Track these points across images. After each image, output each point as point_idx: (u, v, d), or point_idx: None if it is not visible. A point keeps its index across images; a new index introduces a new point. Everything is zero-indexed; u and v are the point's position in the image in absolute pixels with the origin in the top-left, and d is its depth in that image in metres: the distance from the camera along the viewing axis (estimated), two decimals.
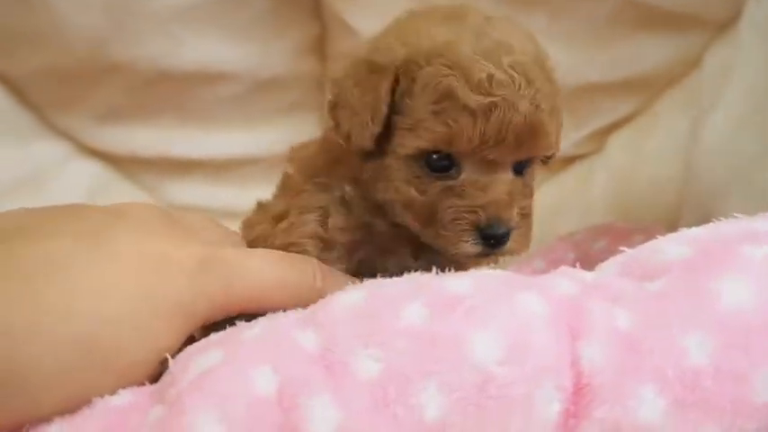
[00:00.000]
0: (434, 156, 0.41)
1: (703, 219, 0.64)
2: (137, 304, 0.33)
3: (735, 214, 0.37)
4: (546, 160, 0.46)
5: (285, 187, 0.49)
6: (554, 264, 0.66)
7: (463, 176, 0.41)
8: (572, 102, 0.76)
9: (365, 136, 0.41)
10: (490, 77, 0.39)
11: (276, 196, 0.49)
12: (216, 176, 0.86)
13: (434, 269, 0.35)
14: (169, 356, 0.33)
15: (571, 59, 0.73)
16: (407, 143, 0.40)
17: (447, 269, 0.36)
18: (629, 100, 0.77)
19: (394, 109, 0.41)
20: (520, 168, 0.43)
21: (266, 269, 0.38)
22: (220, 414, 0.29)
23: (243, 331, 0.34)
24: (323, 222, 0.44)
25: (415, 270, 0.36)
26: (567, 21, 0.71)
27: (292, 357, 0.31)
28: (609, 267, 0.36)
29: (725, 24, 0.68)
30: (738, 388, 0.29)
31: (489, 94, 0.39)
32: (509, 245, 0.41)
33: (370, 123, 0.40)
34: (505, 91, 0.39)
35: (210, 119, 0.83)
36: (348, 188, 0.45)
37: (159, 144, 0.83)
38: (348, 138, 0.41)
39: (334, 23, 0.81)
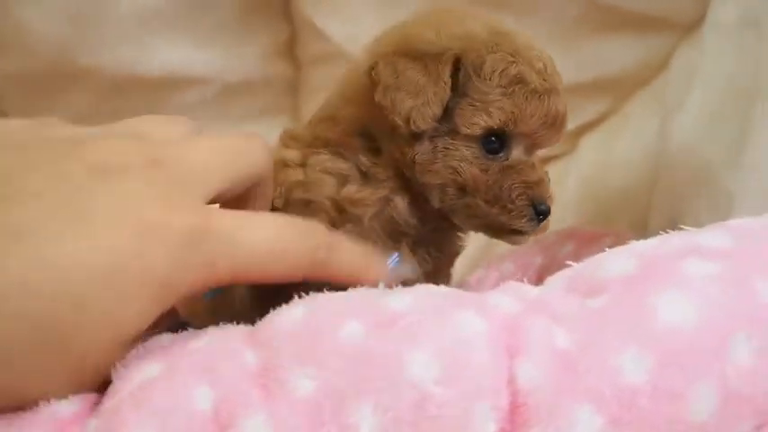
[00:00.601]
0: (493, 137, 0.44)
1: (671, 221, 0.65)
2: (104, 282, 0.30)
3: (683, 227, 0.37)
4: None
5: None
6: (522, 267, 0.67)
7: (513, 156, 0.45)
8: None
9: (427, 116, 0.42)
10: (545, 66, 0.45)
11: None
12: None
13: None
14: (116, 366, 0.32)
15: None
16: (477, 122, 0.43)
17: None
18: (599, 101, 0.76)
19: (455, 92, 0.43)
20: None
21: (263, 242, 0.36)
22: (158, 430, 0.29)
23: (189, 342, 0.34)
24: (340, 189, 0.45)
25: None
26: (532, 23, 0.70)
27: (232, 375, 0.30)
28: (556, 282, 0.36)
29: (691, 26, 0.68)
30: (675, 407, 0.29)
31: (547, 81, 0.44)
32: (545, 222, 0.46)
33: (432, 105, 0.42)
34: (555, 80, 0.45)
35: None
36: (364, 159, 0.46)
37: None
38: (407, 120, 0.42)
39: (303, 27, 0.81)
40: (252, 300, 0.44)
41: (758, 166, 0.53)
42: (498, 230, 0.46)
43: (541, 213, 0.44)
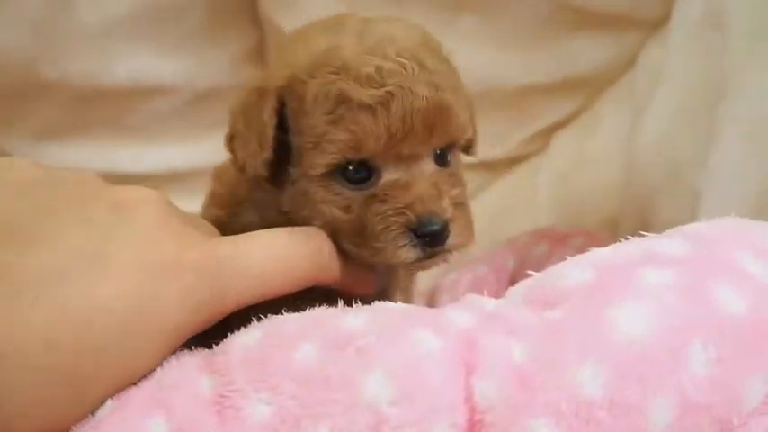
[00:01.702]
0: (350, 167, 0.39)
1: (641, 220, 0.65)
2: (124, 329, 0.30)
3: (640, 232, 0.37)
4: (468, 147, 0.46)
5: (215, 204, 0.48)
6: (496, 269, 0.67)
7: (383, 180, 0.40)
8: (512, 103, 0.76)
9: (257, 164, 0.39)
10: (379, 69, 0.38)
11: (206, 208, 0.49)
12: (159, 190, 0.85)
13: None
14: None
15: (508, 62, 0.73)
16: (316, 162, 0.39)
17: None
18: (570, 100, 0.77)
19: (288, 131, 0.40)
20: (442, 158, 0.42)
21: (270, 259, 0.36)
22: None
23: None
24: None
25: None
26: (500, 24, 0.71)
27: (186, 404, 0.30)
28: (516, 292, 0.36)
29: (657, 24, 0.68)
30: (633, 419, 0.29)
31: (382, 86, 0.38)
32: (451, 240, 0.39)
33: (259, 150, 0.39)
34: (398, 78, 0.38)
35: (150, 133, 0.82)
36: (273, 214, 0.43)
37: (99, 160, 0.81)
38: (243, 168, 0.40)
39: (272, 32, 0.80)
40: None
41: (722, 166, 0.54)
42: (391, 267, 0.42)
43: (427, 235, 0.38)
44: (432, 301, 0.67)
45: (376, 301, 0.35)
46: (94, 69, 0.74)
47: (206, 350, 0.34)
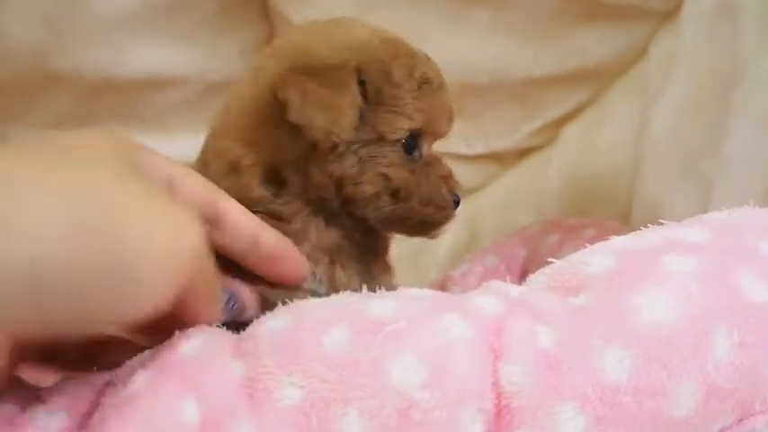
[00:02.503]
0: (411, 137, 0.45)
1: (653, 212, 0.65)
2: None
3: (661, 221, 0.37)
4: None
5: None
6: (506, 260, 0.67)
7: (424, 152, 0.47)
8: (522, 94, 0.76)
9: (345, 126, 0.42)
10: (434, 63, 0.47)
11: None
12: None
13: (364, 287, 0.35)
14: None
15: (518, 53, 0.73)
16: (401, 125, 0.44)
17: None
18: (580, 91, 0.77)
19: (367, 102, 0.44)
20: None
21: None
22: None
23: (176, 347, 0.33)
24: None
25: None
26: (511, 15, 0.71)
27: (218, 386, 0.30)
28: (537, 279, 0.36)
29: (668, 14, 0.68)
30: (657, 403, 0.29)
31: (441, 76, 0.47)
32: None
33: (347, 114, 0.42)
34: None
35: (163, 124, 0.82)
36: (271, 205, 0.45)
37: None
38: (328, 133, 0.41)
39: (281, 24, 0.80)
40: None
41: (735, 156, 0.54)
42: (427, 228, 0.47)
43: (457, 203, 0.47)
44: None
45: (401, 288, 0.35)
46: (106, 61, 0.74)
47: (234, 334, 0.34)
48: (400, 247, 0.52)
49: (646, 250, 0.34)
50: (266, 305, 0.39)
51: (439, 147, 0.49)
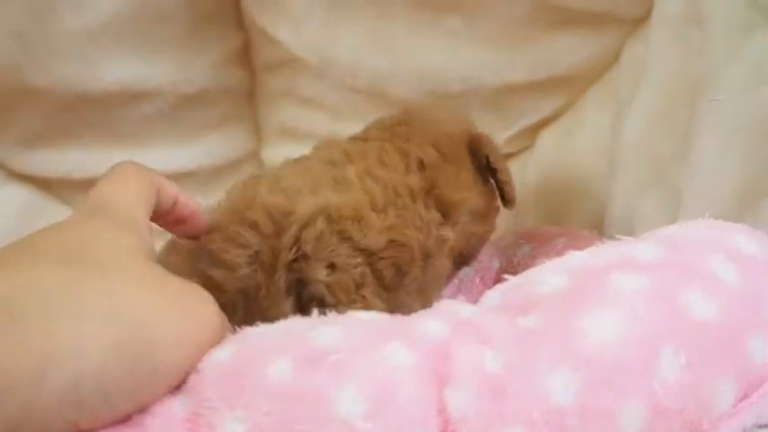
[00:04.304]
0: None
1: (626, 218, 0.65)
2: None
3: (618, 236, 0.37)
4: None
5: None
6: (481, 272, 0.67)
7: None
8: (496, 102, 0.76)
9: None
10: None
11: None
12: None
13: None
14: None
15: (491, 61, 0.73)
16: None
17: None
18: (554, 98, 0.76)
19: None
20: None
21: None
22: None
23: None
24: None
25: None
26: (483, 23, 0.70)
27: (162, 426, 0.30)
28: (492, 296, 0.36)
29: (639, 21, 0.68)
30: (604, 425, 0.29)
31: None
32: None
33: None
34: None
35: (140, 137, 0.82)
36: None
37: (90, 165, 0.81)
38: None
39: (256, 34, 0.80)
40: None
41: (702, 163, 0.54)
42: None
43: None
44: None
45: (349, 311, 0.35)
46: (80, 76, 0.74)
47: None
48: None
49: (598, 268, 0.34)
50: None
51: None
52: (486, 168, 0.60)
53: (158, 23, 0.75)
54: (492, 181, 0.61)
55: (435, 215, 0.53)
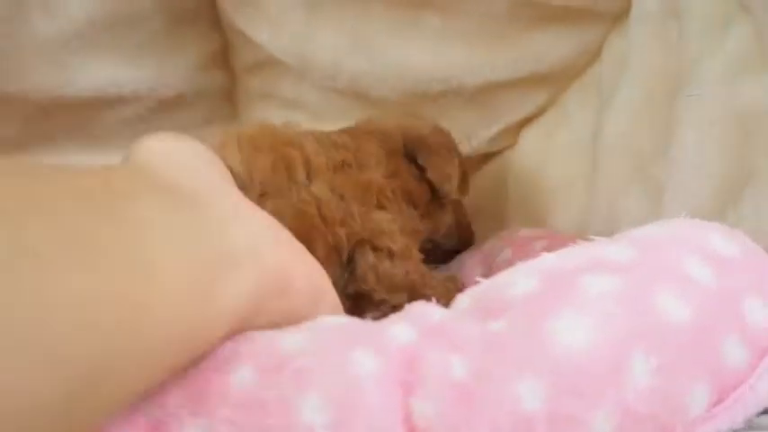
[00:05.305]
0: None
1: (609, 216, 0.64)
2: None
3: (592, 237, 0.37)
4: None
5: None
6: (464, 278, 0.66)
7: None
8: (477, 100, 0.75)
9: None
10: None
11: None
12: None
13: None
14: None
15: (471, 59, 0.72)
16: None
17: None
18: (536, 96, 0.76)
19: None
20: None
21: None
22: None
23: None
24: None
25: None
26: (462, 21, 0.70)
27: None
28: (463, 300, 0.36)
29: (619, 16, 0.67)
30: None
31: None
32: None
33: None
34: None
35: (117, 142, 0.81)
36: None
37: None
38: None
39: (235, 36, 0.79)
40: None
41: (683, 157, 0.53)
42: None
43: None
44: None
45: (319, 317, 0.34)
46: (54, 82, 0.73)
47: None
48: None
49: (569, 270, 0.33)
50: None
51: None
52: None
53: (133, 27, 0.74)
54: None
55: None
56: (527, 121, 0.79)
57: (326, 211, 0.51)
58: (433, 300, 0.35)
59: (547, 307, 0.31)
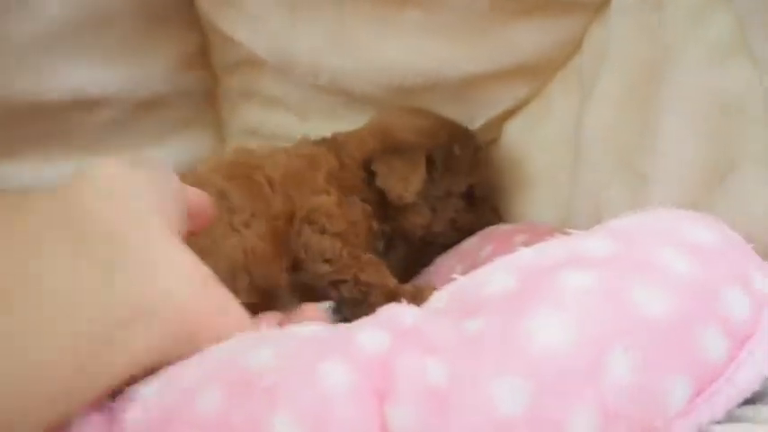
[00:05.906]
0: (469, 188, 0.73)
1: (592, 207, 0.64)
2: None
3: (569, 230, 0.36)
4: None
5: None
6: (444, 276, 0.65)
7: (478, 196, 0.75)
8: (460, 94, 0.75)
9: (412, 192, 0.68)
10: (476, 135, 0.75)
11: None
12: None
13: None
14: None
15: (453, 52, 0.71)
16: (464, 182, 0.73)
17: None
18: (519, 88, 0.75)
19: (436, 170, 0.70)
20: None
21: None
22: None
23: None
24: None
25: None
26: (443, 15, 0.69)
27: None
28: (440, 297, 0.35)
29: (600, 6, 0.66)
30: None
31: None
32: None
33: (414, 184, 0.68)
34: None
35: (98, 145, 0.80)
36: None
37: (48, 175, 0.79)
38: (400, 197, 0.68)
39: (214, 35, 0.79)
40: None
41: (666, 149, 0.52)
42: None
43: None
44: None
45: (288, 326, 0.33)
46: (32, 85, 0.72)
47: (110, 404, 0.32)
48: None
49: (547, 266, 0.33)
50: None
51: None
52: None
53: (108, 28, 0.73)
54: None
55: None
56: (510, 114, 0.78)
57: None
58: (403, 300, 0.35)
59: (524, 305, 0.30)
